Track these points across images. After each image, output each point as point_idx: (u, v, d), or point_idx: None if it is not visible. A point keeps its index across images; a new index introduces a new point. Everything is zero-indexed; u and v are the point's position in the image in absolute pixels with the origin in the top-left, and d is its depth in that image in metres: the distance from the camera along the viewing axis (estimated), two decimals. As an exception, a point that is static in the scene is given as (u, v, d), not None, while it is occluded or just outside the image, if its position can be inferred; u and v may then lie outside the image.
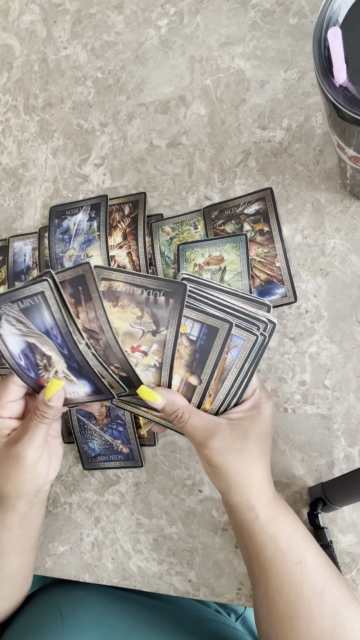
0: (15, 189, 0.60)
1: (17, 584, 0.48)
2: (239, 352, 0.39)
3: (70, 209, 0.56)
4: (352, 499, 0.40)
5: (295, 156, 0.48)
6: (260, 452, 0.39)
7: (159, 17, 0.55)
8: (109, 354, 0.40)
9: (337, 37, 0.28)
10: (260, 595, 0.39)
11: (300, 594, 0.36)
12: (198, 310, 0.39)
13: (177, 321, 0.39)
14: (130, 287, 0.39)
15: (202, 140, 0.52)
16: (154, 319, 0.39)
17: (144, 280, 0.39)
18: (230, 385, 0.40)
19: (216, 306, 0.39)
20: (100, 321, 0.39)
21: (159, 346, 0.40)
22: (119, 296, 0.39)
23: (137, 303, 0.39)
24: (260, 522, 0.38)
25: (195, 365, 0.40)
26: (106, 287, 0.39)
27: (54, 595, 0.51)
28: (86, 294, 0.39)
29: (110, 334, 0.39)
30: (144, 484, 0.52)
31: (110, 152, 0.56)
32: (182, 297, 0.38)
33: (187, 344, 0.40)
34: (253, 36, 0.51)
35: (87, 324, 0.39)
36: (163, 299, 0.39)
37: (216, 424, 0.38)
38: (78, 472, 0.55)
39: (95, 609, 0.48)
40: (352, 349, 0.45)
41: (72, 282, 0.39)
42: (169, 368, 0.40)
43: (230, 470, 0.38)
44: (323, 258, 0.47)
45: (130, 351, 0.40)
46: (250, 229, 0.49)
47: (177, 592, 0.50)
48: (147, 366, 0.40)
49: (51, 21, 0.60)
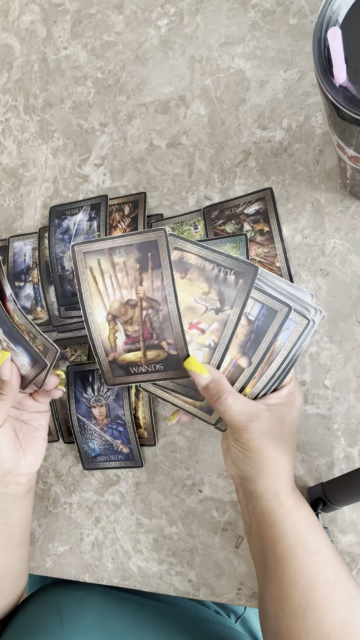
0: (15, 189, 0.60)
1: (7, 582, 0.48)
2: (289, 335, 0.39)
3: (70, 209, 0.56)
4: (352, 499, 0.40)
5: (295, 156, 0.48)
6: (292, 440, 0.39)
7: (159, 17, 0.55)
8: (165, 327, 0.38)
9: (337, 37, 0.28)
10: (273, 588, 0.39)
11: (316, 585, 0.37)
12: (260, 290, 0.39)
13: (243, 302, 0.38)
14: (202, 261, 0.38)
15: (202, 140, 0.52)
16: (221, 296, 0.38)
17: (217, 257, 0.38)
18: (276, 368, 0.40)
19: (276, 289, 0.39)
20: (165, 291, 0.38)
21: (219, 325, 0.39)
22: (189, 268, 0.39)
23: (206, 278, 0.38)
24: (284, 510, 0.38)
25: (248, 346, 0.39)
26: (177, 257, 0.39)
27: (53, 596, 0.51)
28: (155, 261, 0.37)
29: (174, 306, 0.38)
30: (144, 484, 0.52)
31: (110, 152, 0.56)
32: (252, 279, 0.38)
33: (245, 323, 0.39)
34: (253, 36, 0.51)
35: (150, 293, 0.38)
36: (233, 277, 0.38)
37: (257, 409, 0.38)
38: (78, 472, 0.55)
39: (94, 609, 0.48)
40: (352, 349, 0.45)
41: (141, 247, 0.38)
42: (224, 349, 0.39)
43: (265, 456, 0.38)
44: (323, 258, 0.47)
45: (187, 327, 0.39)
46: (250, 229, 0.49)
47: (177, 592, 0.50)
48: (201, 345, 0.39)
49: (51, 21, 0.60)
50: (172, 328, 0.38)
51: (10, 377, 0.40)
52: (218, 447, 0.50)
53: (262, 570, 0.41)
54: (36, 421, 0.46)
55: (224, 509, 0.49)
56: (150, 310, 0.38)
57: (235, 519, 0.49)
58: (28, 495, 0.47)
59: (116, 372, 0.42)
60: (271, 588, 0.39)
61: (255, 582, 0.47)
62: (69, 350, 0.56)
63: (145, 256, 0.38)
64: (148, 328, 0.39)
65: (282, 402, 0.40)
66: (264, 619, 0.40)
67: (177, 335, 0.38)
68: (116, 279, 0.39)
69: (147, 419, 0.52)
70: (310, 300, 0.40)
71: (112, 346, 0.41)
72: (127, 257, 0.38)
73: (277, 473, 0.39)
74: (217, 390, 0.38)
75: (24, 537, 0.48)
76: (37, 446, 0.46)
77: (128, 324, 0.40)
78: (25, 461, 0.45)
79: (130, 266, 0.38)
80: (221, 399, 0.38)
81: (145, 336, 0.40)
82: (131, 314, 0.40)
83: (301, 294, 0.40)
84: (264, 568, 0.40)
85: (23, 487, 0.46)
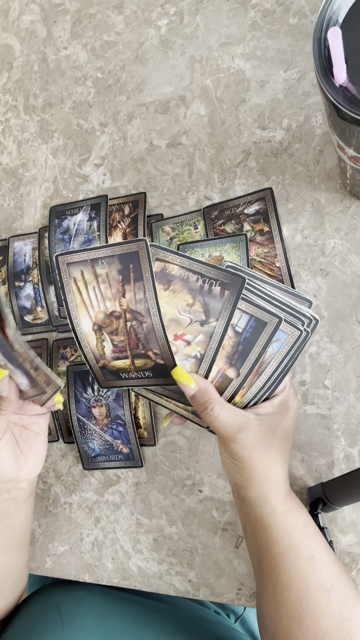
0: (15, 189, 0.60)
1: (7, 583, 0.48)
2: (280, 346, 0.38)
3: (70, 209, 0.56)
4: (352, 499, 0.40)
5: (295, 156, 0.48)
6: (284, 448, 0.39)
7: (159, 17, 0.55)
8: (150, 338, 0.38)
9: (337, 37, 0.28)
10: (269, 591, 0.39)
11: (310, 590, 0.37)
12: (248, 301, 0.37)
13: (229, 314, 0.37)
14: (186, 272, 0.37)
15: (202, 140, 0.52)
16: (205, 308, 0.37)
17: (202, 267, 0.37)
18: (266, 379, 0.39)
19: (266, 299, 0.38)
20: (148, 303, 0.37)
21: (204, 337, 0.38)
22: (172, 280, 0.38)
23: (190, 290, 0.37)
24: (275, 516, 0.38)
25: (236, 357, 0.38)
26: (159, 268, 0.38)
27: (53, 596, 0.51)
28: (137, 273, 0.37)
29: (157, 318, 0.37)
30: (144, 484, 0.52)
31: (110, 152, 0.56)
32: (239, 290, 0.36)
33: (232, 335, 0.38)
34: (253, 36, 0.51)
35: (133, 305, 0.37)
36: (218, 289, 0.37)
37: (245, 419, 0.38)
38: (78, 472, 0.55)
39: (94, 609, 0.48)
40: (352, 349, 0.45)
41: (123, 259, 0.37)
42: (210, 360, 0.38)
43: (255, 465, 0.38)
44: (323, 258, 0.47)
45: (172, 339, 0.38)
46: (250, 229, 0.49)
47: (177, 592, 0.50)
48: (187, 356, 0.39)
49: (51, 21, 0.60)
50: (157, 339, 0.38)
51: (9, 394, 0.40)
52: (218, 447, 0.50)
53: (258, 573, 0.41)
54: (36, 425, 0.46)
55: (224, 509, 0.49)
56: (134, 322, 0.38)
57: (235, 519, 0.49)
58: (30, 498, 0.47)
59: (107, 376, 0.42)
60: (267, 590, 0.39)
61: (255, 583, 0.47)
62: (69, 350, 0.56)
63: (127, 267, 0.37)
64: (133, 338, 0.39)
65: (274, 411, 0.39)
66: (261, 620, 0.40)
67: (163, 347, 0.38)
68: (99, 290, 0.39)
69: (147, 419, 0.52)
70: (307, 308, 0.39)
71: (101, 354, 0.41)
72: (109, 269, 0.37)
73: (268, 480, 0.38)
74: (203, 401, 0.37)
75: (25, 539, 0.48)
76: (37, 451, 0.46)
77: (114, 334, 0.39)
78: (26, 467, 0.44)
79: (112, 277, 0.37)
80: (207, 410, 0.37)
81: (132, 346, 0.39)
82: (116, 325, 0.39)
83: (296, 302, 0.39)
84: (260, 571, 0.40)
85: (25, 492, 0.46)
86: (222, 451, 0.39)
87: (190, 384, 0.38)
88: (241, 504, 0.41)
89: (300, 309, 0.38)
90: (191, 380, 0.38)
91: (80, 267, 0.39)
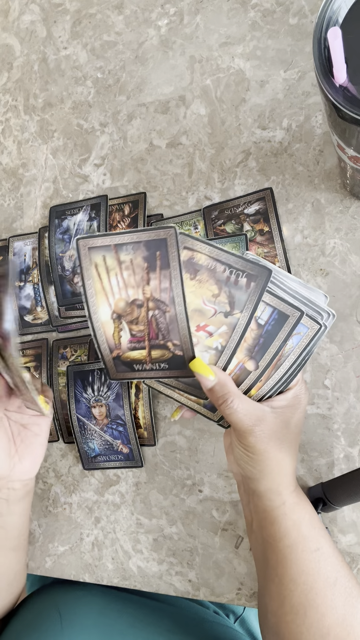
0: (15, 189, 0.60)
1: (2, 584, 0.47)
2: (299, 339, 0.38)
3: (70, 209, 0.56)
4: (352, 499, 0.40)
5: (295, 156, 0.48)
6: (295, 442, 0.39)
7: (159, 17, 0.55)
8: (172, 328, 0.37)
9: (337, 37, 0.28)
10: (274, 586, 0.39)
11: (316, 583, 0.37)
12: (272, 294, 0.37)
13: (254, 306, 0.37)
14: (213, 262, 0.37)
15: (202, 140, 0.52)
16: (231, 299, 0.37)
17: (229, 258, 0.36)
18: (283, 372, 0.39)
19: (289, 292, 0.38)
20: (173, 292, 0.36)
21: (227, 329, 0.37)
22: (198, 269, 0.37)
23: (216, 280, 0.37)
24: (285, 508, 0.38)
25: (256, 350, 0.38)
26: (187, 257, 0.37)
27: (52, 596, 0.51)
28: (164, 261, 0.36)
29: (181, 307, 0.36)
30: (144, 484, 0.52)
31: (110, 152, 0.56)
32: (265, 283, 0.36)
33: (255, 327, 0.38)
34: (253, 36, 0.51)
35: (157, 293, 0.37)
36: (245, 280, 0.36)
37: (262, 412, 0.38)
38: (78, 472, 0.55)
39: (94, 609, 0.48)
40: (352, 349, 0.45)
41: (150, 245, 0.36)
42: (231, 352, 0.38)
43: (269, 457, 0.38)
44: (323, 258, 0.47)
45: (194, 330, 0.38)
46: (250, 229, 0.49)
47: (177, 592, 0.50)
48: (208, 347, 0.38)
49: (51, 21, 0.60)
50: (178, 330, 0.37)
51: None
52: (218, 447, 0.50)
53: (262, 568, 0.41)
54: (36, 426, 0.45)
55: (224, 509, 0.49)
56: (156, 311, 0.37)
57: (235, 519, 0.49)
58: (24, 499, 0.46)
59: (120, 367, 0.41)
60: (272, 586, 0.39)
61: (255, 582, 0.47)
62: (69, 350, 0.56)
63: (153, 255, 0.36)
64: (154, 328, 0.38)
65: (288, 404, 0.39)
66: (263, 617, 0.40)
67: (184, 337, 0.37)
68: (122, 277, 0.38)
69: (147, 419, 0.52)
70: (323, 302, 0.39)
71: (117, 343, 0.40)
72: (135, 255, 0.37)
73: (280, 473, 0.39)
74: (222, 393, 0.37)
75: (20, 540, 0.48)
76: (34, 452, 0.45)
77: (133, 324, 0.39)
78: (20, 467, 0.44)
79: (137, 264, 0.37)
80: (227, 402, 0.37)
81: (151, 336, 0.39)
82: (137, 314, 0.38)
83: (315, 296, 0.39)
84: (265, 566, 0.40)
85: (18, 493, 0.45)
86: (237, 444, 0.39)
87: (209, 376, 0.37)
88: (249, 498, 0.41)
89: (319, 303, 0.38)
90: (210, 372, 0.37)
91: (102, 253, 0.38)
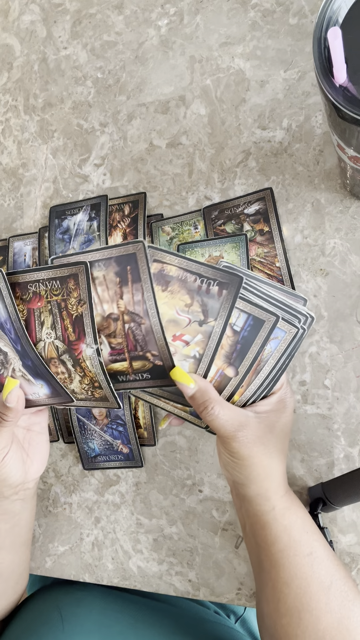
0: (15, 189, 0.60)
1: (10, 582, 0.48)
2: (278, 344, 0.38)
3: (70, 209, 0.56)
4: (352, 499, 0.40)
5: (295, 156, 0.48)
6: (282, 446, 0.39)
7: (159, 17, 0.55)
8: (149, 339, 0.38)
9: (337, 37, 0.28)
10: (268, 589, 0.39)
11: (310, 587, 0.37)
12: (246, 300, 0.38)
13: (228, 313, 0.37)
14: (184, 273, 0.37)
15: (202, 140, 0.52)
16: (204, 308, 0.38)
17: (199, 268, 0.37)
18: (264, 377, 0.39)
19: (263, 297, 0.38)
20: (146, 304, 0.37)
21: (203, 337, 0.38)
22: (169, 281, 0.38)
23: (188, 290, 0.38)
24: (275, 513, 0.38)
25: (234, 356, 0.39)
26: (157, 269, 0.38)
27: (53, 596, 0.51)
28: (135, 274, 0.37)
29: (155, 319, 0.37)
30: (144, 484, 0.52)
31: (110, 152, 0.56)
32: (237, 289, 0.37)
33: (230, 334, 0.38)
34: (253, 36, 0.51)
35: (131, 306, 0.37)
36: (216, 288, 0.37)
37: (245, 417, 0.38)
38: (78, 472, 0.55)
39: (94, 609, 0.48)
40: (352, 349, 0.45)
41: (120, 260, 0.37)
42: (209, 360, 0.38)
43: (255, 462, 0.38)
44: (323, 258, 0.47)
45: (171, 339, 0.38)
46: (250, 229, 0.49)
47: (177, 592, 0.50)
48: (186, 356, 0.39)
49: (51, 21, 0.60)
50: (155, 340, 0.38)
51: (17, 405, 0.40)
52: (218, 447, 0.50)
53: (258, 571, 0.41)
54: (37, 425, 0.46)
55: (224, 509, 0.49)
56: (132, 324, 0.38)
57: (235, 519, 0.49)
58: (34, 494, 0.48)
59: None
60: (266, 589, 0.39)
61: (254, 583, 0.47)
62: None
63: (124, 269, 0.37)
64: (132, 340, 0.39)
65: (272, 409, 0.39)
66: (260, 619, 0.40)
67: (161, 348, 0.38)
68: (97, 292, 0.39)
69: (147, 419, 0.52)
70: (302, 305, 0.39)
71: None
72: (107, 271, 0.37)
73: (267, 478, 0.38)
74: (203, 400, 0.38)
75: (29, 535, 0.49)
76: (42, 450, 0.46)
77: (111, 337, 0.39)
78: (33, 468, 0.45)
79: (110, 280, 0.37)
80: (207, 409, 0.37)
81: (130, 348, 0.39)
82: (113, 327, 0.39)
83: (292, 300, 0.39)
84: (260, 569, 0.40)
85: (32, 490, 0.47)
86: (222, 450, 0.39)
87: (190, 384, 0.38)
88: (240, 502, 0.41)
89: (296, 306, 0.39)
90: (190, 380, 0.38)
91: None
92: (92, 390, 0.41)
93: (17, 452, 0.43)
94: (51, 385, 0.40)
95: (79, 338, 0.39)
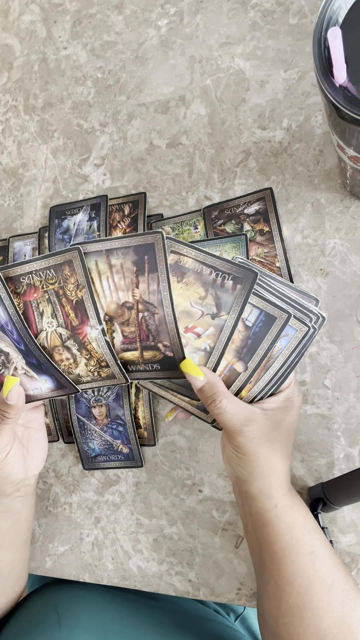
0: (15, 189, 0.60)
1: (10, 581, 0.48)
2: (288, 341, 0.39)
3: (70, 209, 0.56)
4: (352, 499, 0.40)
5: (295, 156, 0.48)
6: (287, 444, 0.39)
7: (159, 17, 0.55)
8: (161, 329, 0.38)
9: (337, 37, 0.28)
10: (270, 587, 0.39)
11: (312, 585, 0.37)
12: (259, 296, 0.38)
13: (240, 308, 0.38)
14: (200, 266, 0.38)
15: (202, 140, 0.52)
16: (217, 302, 0.38)
17: (215, 261, 0.38)
18: (273, 374, 0.39)
19: (276, 295, 0.38)
20: (161, 295, 0.37)
21: (215, 330, 0.38)
22: (185, 272, 0.38)
23: (203, 283, 0.38)
24: (277, 510, 0.38)
25: (245, 351, 0.39)
26: (174, 260, 0.38)
27: (51, 595, 0.51)
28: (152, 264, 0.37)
29: (169, 309, 0.38)
30: (144, 484, 0.52)
31: (110, 152, 0.56)
32: (251, 285, 0.37)
33: (242, 329, 0.39)
34: (253, 36, 0.51)
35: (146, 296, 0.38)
36: (231, 283, 0.37)
37: (252, 413, 0.38)
38: (78, 472, 0.55)
39: (92, 608, 0.48)
40: (352, 349, 0.45)
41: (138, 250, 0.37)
42: (220, 354, 0.39)
43: (259, 459, 0.38)
44: (323, 258, 0.47)
45: (183, 331, 0.39)
46: (250, 229, 0.49)
47: (177, 592, 0.50)
48: (197, 349, 0.39)
49: (51, 21, 0.60)
50: (167, 331, 0.38)
51: (17, 402, 0.40)
52: (218, 447, 0.50)
53: (259, 570, 0.41)
54: (35, 421, 0.47)
55: (224, 509, 0.49)
56: (146, 313, 0.38)
57: (235, 519, 0.49)
58: (34, 493, 0.49)
59: None
60: (268, 587, 0.39)
61: (255, 582, 0.47)
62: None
63: (141, 259, 0.38)
64: (144, 330, 0.39)
65: (279, 406, 0.39)
66: (262, 618, 0.40)
67: (173, 339, 0.38)
68: (113, 280, 0.39)
69: (147, 419, 0.52)
70: (314, 305, 0.39)
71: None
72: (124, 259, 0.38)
73: (271, 475, 0.39)
74: (211, 393, 0.38)
75: (29, 533, 0.49)
76: (41, 446, 0.47)
77: (125, 325, 0.40)
78: (33, 465, 0.46)
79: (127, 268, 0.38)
80: (215, 402, 0.38)
81: (142, 337, 0.40)
82: (127, 315, 0.40)
83: (304, 299, 0.39)
84: (261, 567, 0.40)
85: (32, 487, 0.47)
86: (227, 445, 0.39)
87: (199, 377, 0.38)
88: (242, 500, 0.41)
89: (308, 306, 0.39)
90: (200, 372, 0.38)
91: (94, 258, 0.39)
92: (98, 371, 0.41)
93: (19, 449, 0.44)
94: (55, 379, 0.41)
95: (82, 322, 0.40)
